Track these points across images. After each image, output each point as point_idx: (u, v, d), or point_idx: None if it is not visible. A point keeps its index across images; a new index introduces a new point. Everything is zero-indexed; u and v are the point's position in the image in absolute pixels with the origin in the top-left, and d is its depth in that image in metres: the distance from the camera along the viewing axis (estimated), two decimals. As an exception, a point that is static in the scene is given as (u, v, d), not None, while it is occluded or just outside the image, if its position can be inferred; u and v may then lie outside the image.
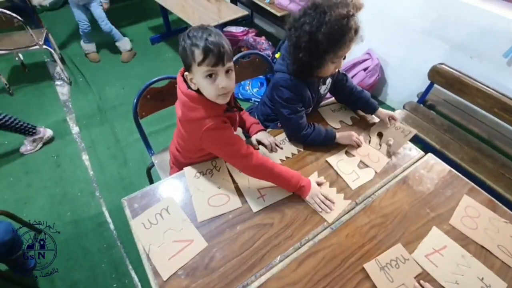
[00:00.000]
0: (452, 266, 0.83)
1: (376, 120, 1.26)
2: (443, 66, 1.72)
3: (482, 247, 0.88)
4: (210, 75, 0.77)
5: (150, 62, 2.81)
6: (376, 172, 1.06)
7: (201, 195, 0.93)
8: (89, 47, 2.74)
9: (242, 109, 1.05)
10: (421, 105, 1.93)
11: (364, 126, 1.24)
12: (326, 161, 1.08)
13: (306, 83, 1.06)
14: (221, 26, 2.40)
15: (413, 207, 0.97)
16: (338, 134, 1.12)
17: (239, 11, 2.40)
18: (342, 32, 0.88)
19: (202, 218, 0.87)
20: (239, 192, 0.95)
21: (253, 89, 2.36)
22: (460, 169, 1.49)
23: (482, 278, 0.81)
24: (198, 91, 0.83)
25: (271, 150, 1.09)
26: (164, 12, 2.90)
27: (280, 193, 0.95)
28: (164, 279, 0.75)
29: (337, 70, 1.07)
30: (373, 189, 1.01)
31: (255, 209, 0.90)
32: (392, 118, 1.20)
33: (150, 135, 2.03)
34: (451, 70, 1.69)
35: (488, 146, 1.69)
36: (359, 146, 1.13)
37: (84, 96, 2.42)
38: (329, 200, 0.94)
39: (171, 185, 0.98)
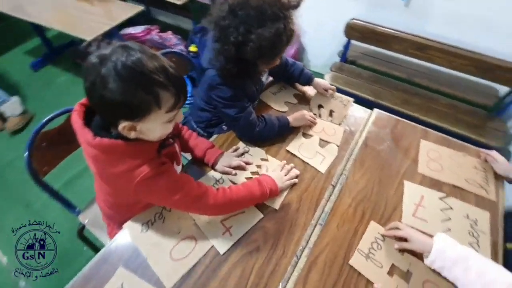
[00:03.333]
0: (438, 214, 0.83)
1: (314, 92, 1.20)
2: (356, 21, 1.75)
3: (454, 186, 0.90)
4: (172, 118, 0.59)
5: (40, 92, 2.24)
6: (337, 146, 1.01)
7: (158, 252, 0.71)
8: None
9: (179, 136, 0.86)
10: (345, 63, 1.98)
11: (309, 101, 1.17)
12: (287, 151, 0.98)
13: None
14: (116, 29, 2.02)
15: (383, 169, 0.94)
16: (291, 118, 1.02)
17: (132, 8, 2.05)
18: (274, 47, 0.79)
19: (172, 283, 0.67)
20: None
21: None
22: (397, 113, 1.57)
23: (467, 215, 0.82)
24: (118, 136, 0.58)
25: (245, 168, 0.91)
26: (39, 29, 2.34)
27: (247, 219, 0.78)
28: None
29: None
30: (342, 165, 0.95)
31: (222, 250, 0.72)
32: (328, 89, 1.16)
33: (69, 182, 1.64)
34: (363, 23, 1.74)
35: (411, 85, 1.83)
36: (314, 124, 1.06)
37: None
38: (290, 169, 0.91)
39: (117, 252, 0.73)
